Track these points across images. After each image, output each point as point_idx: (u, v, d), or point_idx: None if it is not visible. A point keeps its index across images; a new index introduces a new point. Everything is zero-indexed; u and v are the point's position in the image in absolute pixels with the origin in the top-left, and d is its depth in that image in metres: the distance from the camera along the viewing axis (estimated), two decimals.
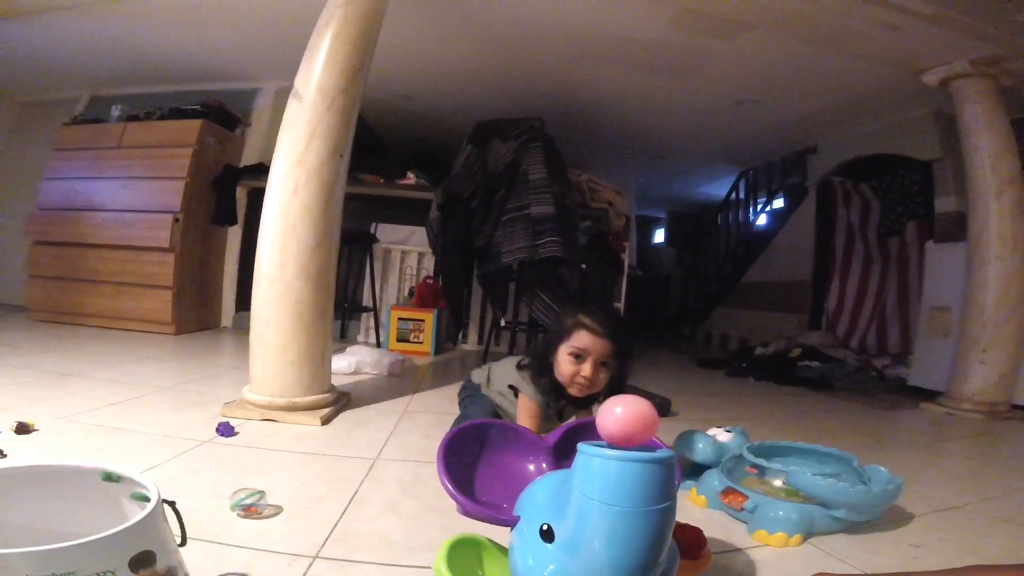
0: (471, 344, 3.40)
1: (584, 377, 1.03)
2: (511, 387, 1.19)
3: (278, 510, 0.90)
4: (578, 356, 1.03)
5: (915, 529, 1.00)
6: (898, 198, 3.65)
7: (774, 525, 0.91)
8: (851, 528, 0.95)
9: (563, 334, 1.06)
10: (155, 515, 0.54)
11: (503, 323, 3.04)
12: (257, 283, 1.50)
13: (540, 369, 1.10)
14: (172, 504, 0.60)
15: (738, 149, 4.43)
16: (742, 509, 0.97)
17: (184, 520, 0.61)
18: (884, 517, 1.00)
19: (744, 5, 2.19)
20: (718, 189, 5.51)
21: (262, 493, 0.92)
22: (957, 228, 2.73)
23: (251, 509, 0.88)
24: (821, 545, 0.90)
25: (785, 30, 2.36)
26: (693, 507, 1.05)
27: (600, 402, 0.97)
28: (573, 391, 1.06)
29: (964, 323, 2.37)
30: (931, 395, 2.47)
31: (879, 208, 3.79)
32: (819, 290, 3.99)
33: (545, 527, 0.52)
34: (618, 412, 0.51)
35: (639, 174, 5.28)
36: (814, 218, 4.05)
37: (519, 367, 1.15)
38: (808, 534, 0.92)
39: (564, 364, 1.04)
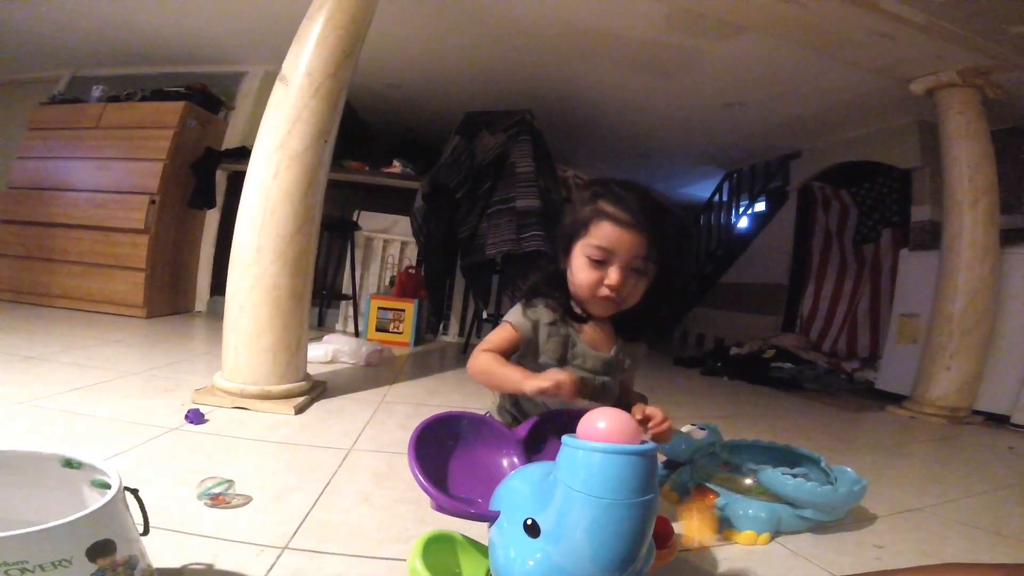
0: (452, 336, 3.39)
1: (610, 286, 0.75)
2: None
3: (247, 500, 0.89)
4: (599, 260, 0.75)
5: (878, 530, 1.02)
6: (875, 205, 3.73)
7: (743, 523, 0.92)
8: (817, 528, 0.97)
9: (577, 228, 0.78)
10: (115, 503, 0.52)
11: (485, 315, 3.03)
12: (233, 267, 1.47)
13: (549, 281, 0.82)
14: (134, 492, 0.59)
15: (723, 151, 4.47)
16: (713, 507, 0.98)
17: (148, 509, 0.60)
18: (849, 517, 1.02)
19: (739, 7, 2.20)
20: (700, 191, 5.56)
21: (231, 482, 0.90)
22: (931, 237, 2.80)
23: (219, 498, 0.86)
24: (788, 544, 0.92)
25: (778, 34, 2.36)
26: (665, 503, 1.06)
27: (644, 328, 0.81)
28: (595, 309, 0.79)
29: (932, 330, 2.43)
30: (897, 399, 2.53)
31: (856, 215, 3.87)
32: (795, 293, 4.06)
33: (530, 521, 0.52)
34: (601, 427, 0.52)
35: (622, 172, 5.31)
36: (794, 222, 4.11)
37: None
38: (776, 532, 0.93)
39: (581, 271, 0.76)
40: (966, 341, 2.32)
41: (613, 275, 0.74)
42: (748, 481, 1.02)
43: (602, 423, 0.52)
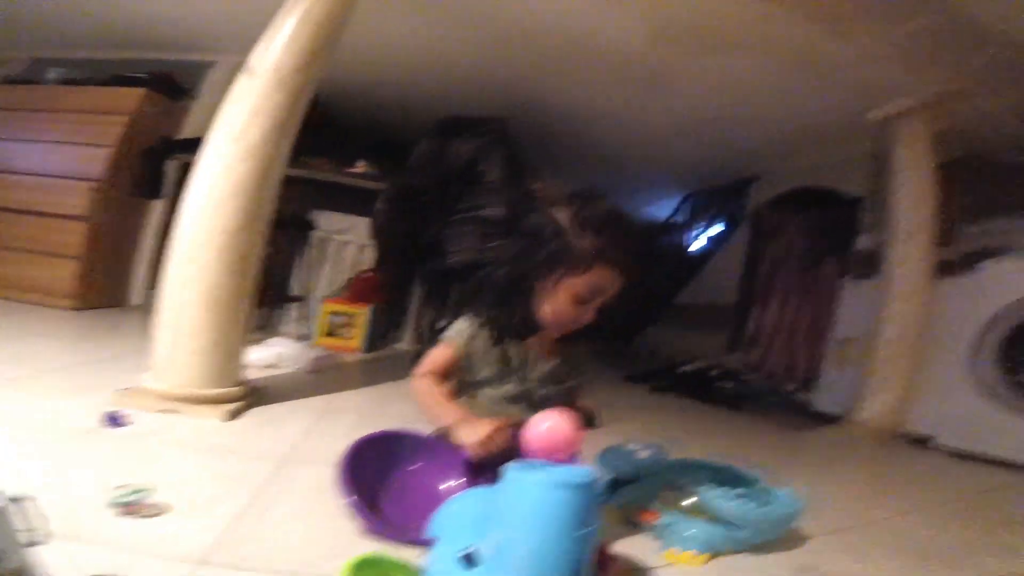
0: (407, 344, 3.32)
1: (583, 322, 0.77)
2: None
3: (164, 509, 0.82)
4: (587, 299, 0.75)
5: (811, 549, 1.04)
6: (822, 233, 3.88)
7: (683, 543, 0.92)
8: (754, 548, 0.98)
9: (571, 263, 0.76)
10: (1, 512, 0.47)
11: (442, 324, 2.98)
12: (170, 261, 1.40)
13: (508, 299, 0.79)
14: (23, 500, 0.53)
15: (687, 171, 4.58)
16: (654, 526, 0.98)
17: (53, 516, 0.55)
18: (785, 537, 1.04)
19: (721, 26, 2.26)
20: (662, 211, 5.69)
21: (147, 491, 0.83)
22: (871, 266, 2.92)
23: (132, 507, 0.79)
24: (726, 564, 0.93)
25: (756, 55, 2.44)
26: (609, 522, 1.05)
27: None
28: (552, 331, 0.81)
29: (868, 354, 2.55)
30: (832, 419, 2.64)
31: (804, 241, 4.02)
32: (742, 315, 4.19)
33: (467, 551, 0.51)
34: (544, 428, 0.52)
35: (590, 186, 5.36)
36: (746, 246, 4.26)
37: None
38: (715, 553, 0.94)
39: (564, 305, 0.76)
40: (898, 366, 2.44)
41: (590, 315, 0.77)
42: (689, 501, 1.03)
43: (545, 424, 0.51)
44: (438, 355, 0.81)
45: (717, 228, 4.87)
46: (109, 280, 3.01)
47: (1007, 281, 2.24)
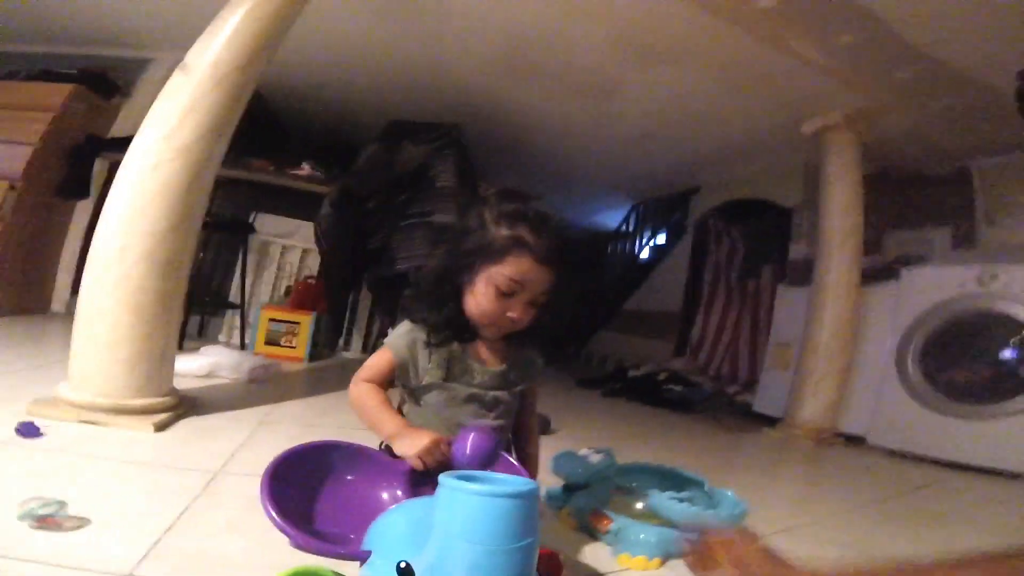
0: (354, 352, 3.22)
1: (513, 319, 0.74)
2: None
3: (83, 522, 0.76)
4: (508, 292, 0.73)
5: None
6: (759, 242, 4.07)
7: (635, 548, 0.92)
8: None
9: (490, 254, 0.74)
10: None
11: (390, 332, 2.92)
12: (91, 265, 1.30)
13: (437, 297, 0.77)
14: None
15: (634, 182, 4.70)
16: (607, 532, 0.98)
17: None
18: None
19: (670, 40, 2.32)
20: (609, 220, 5.81)
21: (63, 503, 0.78)
22: (805, 273, 3.08)
23: (48, 520, 0.74)
24: (678, 568, 0.93)
25: (700, 68, 2.53)
26: (563, 528, 1.04)
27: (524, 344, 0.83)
28: (488, 332, 0.78)
29: (802, 358, 2.67)
30: (772, 421, 2.75)
31: (743, 250, 4.21)
32: (686, 321, 4.33)
33: (403, 565, 0.48)
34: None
35: (539, 194, 5.42)
36: (689, 255, 4.41)
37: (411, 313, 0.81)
38: (667, 556, 0.94)
39: (486, 299, 0.74)
40: (831, 368, 2.57)
41: (518, 309, 0.74)
42: (639, 505, 1.03)
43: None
44: (376, 361, 0.79)
45: (661, 237, 5.03)
46: (28, 285, 2.78)
47: (925, 288, 2.40)
